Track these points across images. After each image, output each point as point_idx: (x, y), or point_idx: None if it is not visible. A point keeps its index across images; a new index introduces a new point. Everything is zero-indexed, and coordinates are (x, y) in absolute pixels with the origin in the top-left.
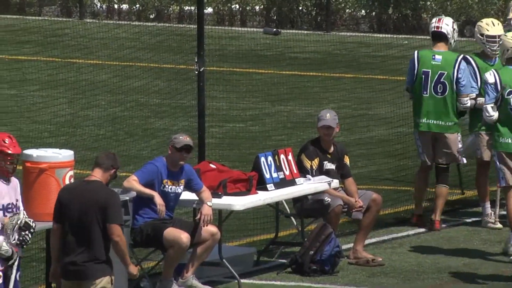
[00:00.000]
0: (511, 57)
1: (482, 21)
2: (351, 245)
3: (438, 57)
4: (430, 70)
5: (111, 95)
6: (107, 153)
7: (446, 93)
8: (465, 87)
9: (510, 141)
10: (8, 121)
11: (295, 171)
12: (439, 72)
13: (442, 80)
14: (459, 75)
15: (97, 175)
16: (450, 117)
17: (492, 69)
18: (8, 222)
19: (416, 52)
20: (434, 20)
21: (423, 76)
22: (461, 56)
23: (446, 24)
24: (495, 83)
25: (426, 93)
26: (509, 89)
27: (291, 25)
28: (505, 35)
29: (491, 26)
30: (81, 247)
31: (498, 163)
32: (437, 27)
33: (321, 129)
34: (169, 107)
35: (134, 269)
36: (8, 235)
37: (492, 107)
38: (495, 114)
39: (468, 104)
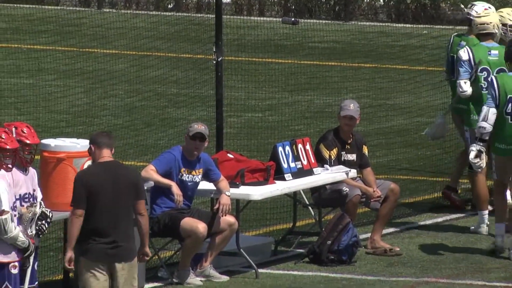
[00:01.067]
0: (482, 33)
1: (502, 11)
2: (369, 235)
3: (462, 42)
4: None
5: (129, 84)
6: (105, 133)
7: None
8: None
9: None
10: (25, 111)
11: (313, 161)
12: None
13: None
14: None
15: (108, 155)
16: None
17: (466, 47)
18: (25, 214)
19: None
20: None
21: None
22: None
23: (476, 11)
24: (469, 60)
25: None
26: (482, 66)
27: (309, 15)
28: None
29: None
30: (118, 227)
31: (470, 140)
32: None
33: (344, 118)
34: (187, 96)
35: (148, 250)
36: (25, 226)
37: (465, 82)
38: (468, 90)
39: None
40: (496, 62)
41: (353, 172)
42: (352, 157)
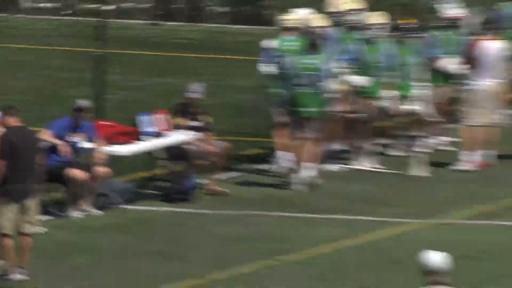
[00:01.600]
0: (283, 27)
1: (311, 17)
2: (207, 181)
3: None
4: None
5: (35, 71)
6: (14, 106)
7: None
8: None
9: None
10: None
11: (167, 127)
12: None
13: None
14: None
15: (17, 122)
16: None
17: (277, 40)
18: None
19: None
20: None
21: None
22: None
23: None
24: (271, 48)
25: None
26: (280, 53)
27: (171, 19)
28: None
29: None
30: (30, 175)
31: (273, 107)
32: None
33: (189, 99)
34: (78, 80)
35: (40, 189)
36: None
37: (264, 65)
38: (266, 70)
39: None
40: (291, 50)
41: (198, 135)
42: (197, 124)
